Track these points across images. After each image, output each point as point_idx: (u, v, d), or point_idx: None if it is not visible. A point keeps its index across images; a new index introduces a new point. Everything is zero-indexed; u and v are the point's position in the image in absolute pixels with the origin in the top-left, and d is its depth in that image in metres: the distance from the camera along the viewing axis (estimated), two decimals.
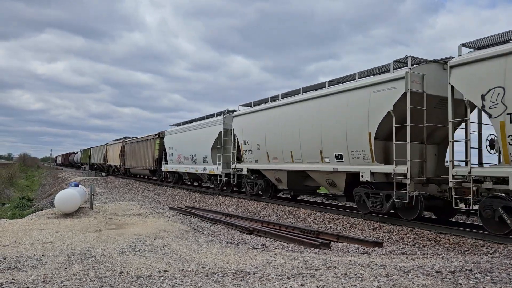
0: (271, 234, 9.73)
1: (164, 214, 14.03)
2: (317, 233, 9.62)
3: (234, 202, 16.47)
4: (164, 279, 5.38)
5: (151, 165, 29.65)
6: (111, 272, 5.79)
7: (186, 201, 18.91)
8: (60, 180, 50.69)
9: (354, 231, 10.35)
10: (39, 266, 6.23)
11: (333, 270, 5.74)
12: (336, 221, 11.40)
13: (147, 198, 21.51)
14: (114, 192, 25.35)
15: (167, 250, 7.57)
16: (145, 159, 31.31)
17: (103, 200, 19.65)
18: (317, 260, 6.57)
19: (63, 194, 13.59)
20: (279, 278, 5.31)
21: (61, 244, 8.40)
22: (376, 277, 5.27)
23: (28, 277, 5.51)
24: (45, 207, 22.54)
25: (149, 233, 9.80)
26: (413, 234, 9.30)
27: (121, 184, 31.38)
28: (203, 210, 14.46)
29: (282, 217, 12.88)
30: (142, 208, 15.96)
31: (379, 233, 9.82)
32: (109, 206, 16.45)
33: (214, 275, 5.55)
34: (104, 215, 13.53)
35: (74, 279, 5.40)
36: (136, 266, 6.20)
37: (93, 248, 7.80)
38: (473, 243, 8.23)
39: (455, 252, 7.91)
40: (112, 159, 44.04)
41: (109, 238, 9.11)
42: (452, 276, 5.30)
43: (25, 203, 31.12)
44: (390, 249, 8.18)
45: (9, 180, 52.11)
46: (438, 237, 8.89)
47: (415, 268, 5.78)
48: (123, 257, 6.92)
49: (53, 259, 6.72)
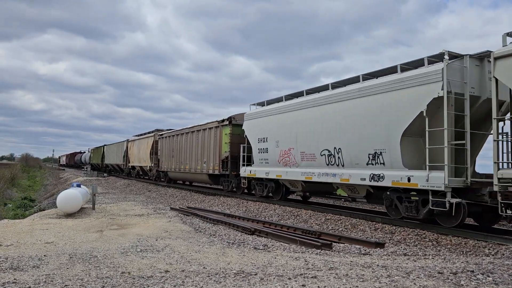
0: (272, 235, 9.73)
1: (166, 214, 14.04)
2: (319, 234, 9.62)
3: (236, 203, 16.47)
4: (165, 279, 5.38)
5: (216, 168, 19.24)
6: (113, 273, 5.80)
7: (187, 202, 18.93)
8: (62, 180, 50.79)
9: (355, 232, 10.34)
10: (41, 266, 6.24)
11: (334, 271, 5.74)
12: (337, 221, 11.39)
13: (149, 198, 21.53)
14: (116, 193, 25.39)
15: (169, 251, 7.57)
16: (201, 159, 20.95)
17: (105, 200, 19.69)
18: (318, 261, 6.57)
19: (65, 195, 13.63)
20: (280, 279, 5.30)
21: (63, 244, 8.42)
22: (378, 278, 5.27)
23: (30, 277, 5.52)
24: (47, 207, 22.61)
25: (151, 234, 9.81)
26: (415, 235, 9.29)
27: (122, 185, 31.42)
28: (205, 211, 14.46)
29: (284, 218, 12.88)
30: (143, 208, 15.98)
31: (380, 234, 9.81)
32: (111, 207, 16.47)
33: (215, 276, 5.55)
34: (106, 216, 13.55)
35: (76, 279, 5.41)
36: (137, 267, 6.21)
37: (95, 248, 7.81)
38: (475, 244, 8.21)
39: (457, 253, 7.89)
40: (137, 159, 34.12)
41: (110, 239, 9.12)
42: (454, 277, 5.29)
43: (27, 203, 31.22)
44: (392, 250, 8.17)
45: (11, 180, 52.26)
46: (440, 238, 8.87)
47: (416, 269, 5.77)
48: (125, 257, 6.93)
49: (55, 259, 6.73)
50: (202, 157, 20.86)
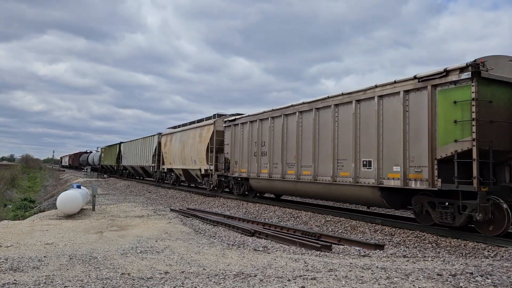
0: (272, 236, 9.74)
1: (166, 216, 14.05)
2: (319, 236, 9.62)
3: (236, 204, 16.49)
4: (165, 280, 5.40)
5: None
6: (113, 274, 5.81)
7: (187, 203, 18.93)
8: (62, 181, 50.79)
9: (355, 234, 10.35)
10: (41, 267, 6.25)
11: (334, 273, 5.75)
12: (337, 223, 11.40)
13: (149, 200, 21.54)
14: (116, 194, 25.39)
15: (169, 252, 7.58)
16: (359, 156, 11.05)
17: (105, 201, 19.69)
18: (318, 263, 6.58)
19: (65, 196, 13.63)
20: (280, 280, 5.32)
21: (63, 246, 8.43)
22: (377, 280, 5.28)
23: (30, 278, 5.53)
24: (47, 208, 22.60)
25: (151, 235, 9.82)
26: (414, 237, 9.30)
27: (122, 186, 31.43)
28: (205, 212, 14.47)
29: (284, 220, 12.89)
30: (143, 209, 15.99)
31: (380, 236, 9.81)
32: (111, 208, 16.48)
33: (215, 277, 5.56)
34: (106, 217, 13.56)
35: (75, 280, 5.43)
36: (137, 268, 6.22)
37: (95, 249, 7.82)
38: (474, 246, 8.22)
39: (456, 255, 7.90)
40: (178, 159, 24.75)
41: (110, 240, 9.13)
42: (453, 279, 5.30)
43: (27, 204, 31.18)
44: (391, 251, 8.18)
45: (12, 181, 52.25)
46: (440, 240, 8.88)
47: (416, 271, 5.79)
48: (125, 258, 6.94)
49: (55, 260, 6.74)
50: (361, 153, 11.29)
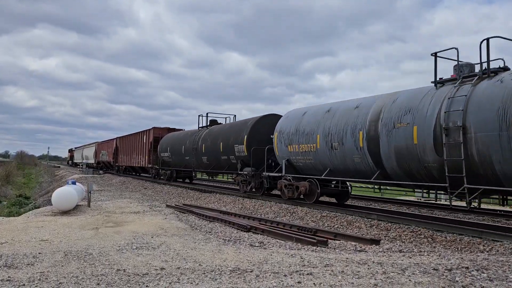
0: (268, 232, 9.73)
1: (162, 212, 14.01)
2: (315, 231, 9.63)
3: (232, 200, 16.46)
4: (161, 276, 5.37)
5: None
6: (108, 270, 5.77)
7: (183, 199, 18.90)
8: (58, 178, 50.57)
9: (351, 229, 10.36)
10: (36, 264, 6.21)
11: (330, 268, 5.75)
12: (333, 219, 11.41)
13: (145, 196, 21.48)
14: (111, 190, 25.29)
15: (164, 248, 7.56)
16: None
17: (101, 198, 19.61)
18: (314, 258, 6.57)
19: (61, 192, 13.55)
20: (276, 276, 5.31)
21: (58, 242, 8.37)
22: (373, 275, 5.28)
23: (24, 275, 5.49)
24: (42, 204, 22.49)
25: (146, 231, 9.78)
26: (410, 231, 9.32)
27: (118, 182, 31.32)
28: (201, 208, 14.45)
29: (280, 215, 12.88)
30: (139, 206, 15.93)
31: (376, 231, 9.83)
32: (107, 204, 16.41)
33: (211, 273, 5.54)
34: (101, 213, 13.49)
35: (70, 276, 5.39)
36: (133, 264, 6.19)
37: (90, 246, 7.78)
38: (470, 241, 8.25)
39: (452, 249, 7.93)
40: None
41: (106, 236, 9.09)
42: (448, 273, 5.31)
43: (22, 200, 31.01)
44: (387, 246, 8.20)
45: (6, 178, 51.95)
46: (435, 234, 8.90)
47: (412, 266, 5.80)
48: (120, 254, 6.90)
49: (50, 256, 6.70)
50: None
